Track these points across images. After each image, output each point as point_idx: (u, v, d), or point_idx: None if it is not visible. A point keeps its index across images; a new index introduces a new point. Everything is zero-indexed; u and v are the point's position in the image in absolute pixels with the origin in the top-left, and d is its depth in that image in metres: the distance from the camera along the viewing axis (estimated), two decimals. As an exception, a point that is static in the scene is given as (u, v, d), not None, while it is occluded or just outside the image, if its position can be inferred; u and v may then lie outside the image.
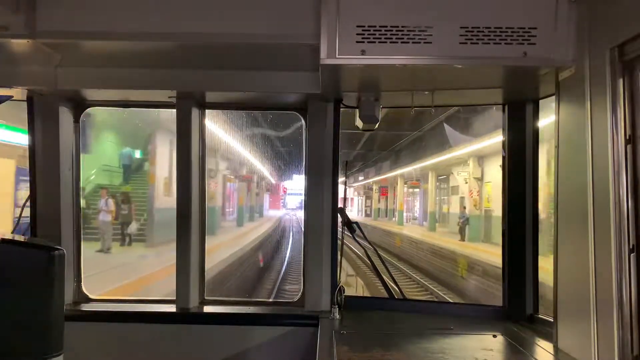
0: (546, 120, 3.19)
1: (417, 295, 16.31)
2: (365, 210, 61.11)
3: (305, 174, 3.59)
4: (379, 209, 52.00)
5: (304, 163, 3.64)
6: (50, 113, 3.52)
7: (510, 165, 3.38)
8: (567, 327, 2.57)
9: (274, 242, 27.80)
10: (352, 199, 78.03)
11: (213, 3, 2.67)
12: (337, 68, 2.63)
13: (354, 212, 71.35)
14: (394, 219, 46.45)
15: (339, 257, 3.58)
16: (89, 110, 3.76)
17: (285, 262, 20.40)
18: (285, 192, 53.68)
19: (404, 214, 43.80)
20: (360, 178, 53.73)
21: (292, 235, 32.57)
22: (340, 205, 3.62)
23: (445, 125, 22.28)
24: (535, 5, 2.46)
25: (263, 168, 31.45)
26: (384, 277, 3.88)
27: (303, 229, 3.69)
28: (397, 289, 3.89)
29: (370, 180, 50.85)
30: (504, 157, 3.43)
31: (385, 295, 3.80)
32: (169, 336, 3.49)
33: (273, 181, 43.07)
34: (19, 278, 2.16)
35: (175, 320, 3.55)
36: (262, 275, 18.07)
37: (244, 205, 29.65)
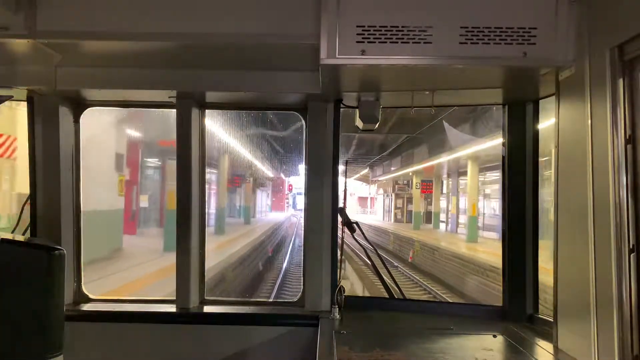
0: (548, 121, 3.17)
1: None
2: (396, 214, 44.78)
3: (306, 174, 3.59)
4: (421, 212, 36.55)
5: (304, 163, 3.64)
6: (50, 113, 3.52)
7: (510, 165, 3.38)
8: (567, 327, 2.57)
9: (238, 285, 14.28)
10: (372, 198, 61.33)
11: (213, 3, 2.67)
12: (337, 68, 2.63)
13: (377, 216, 53.74)
14: (443, 227, 33.53)
15: (339, 257, 3.58)
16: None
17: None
18: (290, 189, 45.28)
19: (453, 219, 29.83)
20: (393, 168, 37.50)
21: (291, 252, 22.48)
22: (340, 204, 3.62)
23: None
24: (535, 5, 2.46)
25: (250, 155, 22.50)
26: (384, 277, 3.88)
27: (303, 229, 3.69)
28: (397, 288, 3.88)
29: (410, 169, 33.04)
30: (503, 157, 3.43)
31: (385, 295, 3.81)
32: (169, 336, 3.49)
33: (271, 175, 34.45)
34: (19, 278, 2.16)
35: (175, 320, 3.55)
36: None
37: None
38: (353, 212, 58.33)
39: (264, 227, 27.07)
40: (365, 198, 63.78)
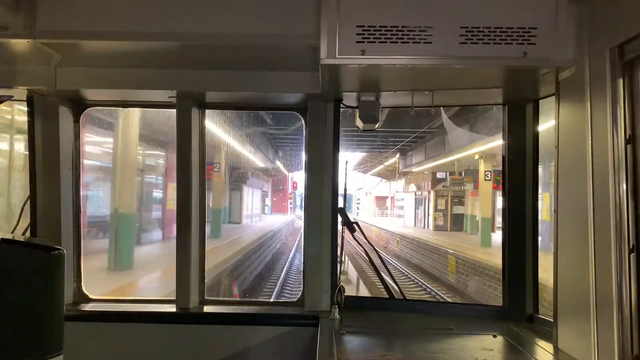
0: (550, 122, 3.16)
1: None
2: (435, 219, 33.28)
3: (306, 174, 3.60)
4: (489, 218, 22.56)
5: (303, 163, 3.64)
6: (50, 113, 3.52)
7: (510, 165, 3.39)
8: (567, 328, 2.57)
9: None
10: (392, 197, 48.78)
11: (213, 3, 2.68)
12: (337, 68, 2.63)
13: (406, 220, 40.57)
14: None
15: (339, 257, 3.58)
16: None
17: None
18: (295, 187, 41.78)
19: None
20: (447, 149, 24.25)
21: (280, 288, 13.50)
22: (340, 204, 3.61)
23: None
24: (535, 5, 2.46)
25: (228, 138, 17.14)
26: (384, 277, 3.88)
27: (303, 229, 3.69)
28: (397, 289, 3.88)
29: (480, 147, 20.19)
30: (503, 157, 3.43)
31: (385, 295, 3.81)
32: (169, 336, 3.49)
33: (263, 165, 26.99)
34: (19, 278, 2.16)
35: (175, 320, 3.55)
36: None
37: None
38: (369, 215, 50.17)
39: (243, 242, 17.36)
40: (384, 198, 51.66)
